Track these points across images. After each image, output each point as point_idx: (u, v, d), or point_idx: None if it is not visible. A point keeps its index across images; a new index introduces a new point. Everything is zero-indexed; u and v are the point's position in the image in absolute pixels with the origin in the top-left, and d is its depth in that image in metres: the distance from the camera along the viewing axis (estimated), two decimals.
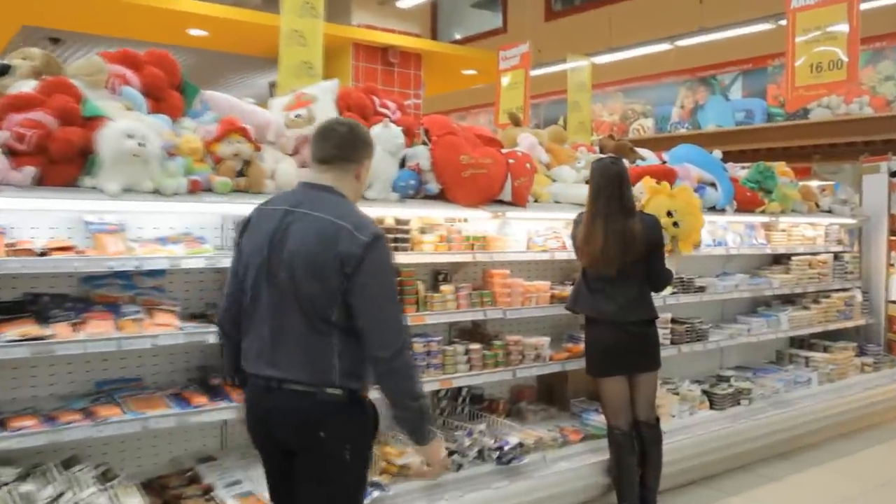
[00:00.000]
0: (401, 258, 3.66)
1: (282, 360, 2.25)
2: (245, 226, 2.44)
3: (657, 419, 4.03)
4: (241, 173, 3.27)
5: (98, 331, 2.90)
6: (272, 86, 9.27)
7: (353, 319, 2.23)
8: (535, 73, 9.82)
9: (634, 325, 3.85)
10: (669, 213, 4.17)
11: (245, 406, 2.41)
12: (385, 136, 3.64)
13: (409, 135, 3.94)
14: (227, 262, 3.15)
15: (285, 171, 3.36)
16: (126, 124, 2.93)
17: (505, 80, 9.52)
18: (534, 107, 12.22)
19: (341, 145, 2.37)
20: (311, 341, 2.24)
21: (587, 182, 4.41)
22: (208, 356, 3.56)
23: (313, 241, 2.24)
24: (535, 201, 4.37)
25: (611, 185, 3.75)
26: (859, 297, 6.45)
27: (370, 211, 3.48)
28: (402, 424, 2.31)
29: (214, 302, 3.55)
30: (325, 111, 3.73)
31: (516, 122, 5.14)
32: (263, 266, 2.30)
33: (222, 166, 3.23)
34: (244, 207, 3.23)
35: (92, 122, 2.92)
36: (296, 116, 3.70)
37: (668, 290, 4.87)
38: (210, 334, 3.12)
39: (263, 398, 2.30)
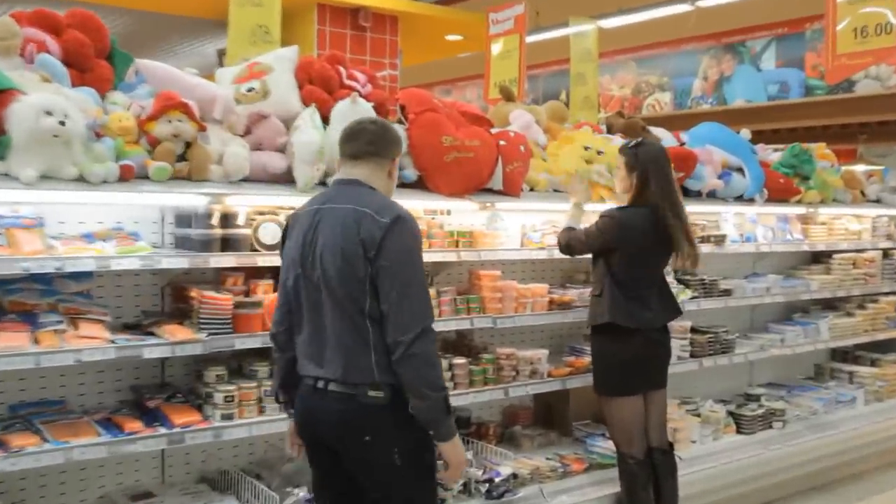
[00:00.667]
0: None
1: (324, 358, 2.64)
2: (284, 233, 2.85)
3: (671, 445, 4.08)
4: (181, 157, 3.27)
5: (11, 345, 2.88)
6: (221, 54, 9.24)
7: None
8: (531, 38, 9.82)
9: (658, 331, 3.96)
10: (587, 148, 4.38)
11: (296, 407, 2.81)
12: (353, 113, 3.61)
13: (382, 112, 3.97)
14: (167, 262, 3.19)
15: (235, 155, 3.37)
16: (43, 98, 2.94)
17: (496, 48, 9.51)
18: (531, 79, 12.20)
19: (373, 141, 2.77)
20: (348, 336, 2.60)
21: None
22: (143, 374, 3.57)
23: (339, 233, 2.62)
24: (531, 190, 4.41)
25: (664, 172, 3.88)
26: None
27: None
28: (421, 416, 2.57)
29: (150, 309, 3.55)
30: (282, 84, 3.75)
31: (509, 98, 5.16)
32: (300, 268, 2.70)
33: (160, 149, 3.23)
34: (185, 198, 3.26)
35: (2, 96, 2.91)
36: (248, 90, 3.70)
37: (688, 293, 4.95)
38: (146, 348, 3.13)
39: (310, 397, 2.70)
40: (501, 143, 4.16)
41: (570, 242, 4.03)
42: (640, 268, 3.88)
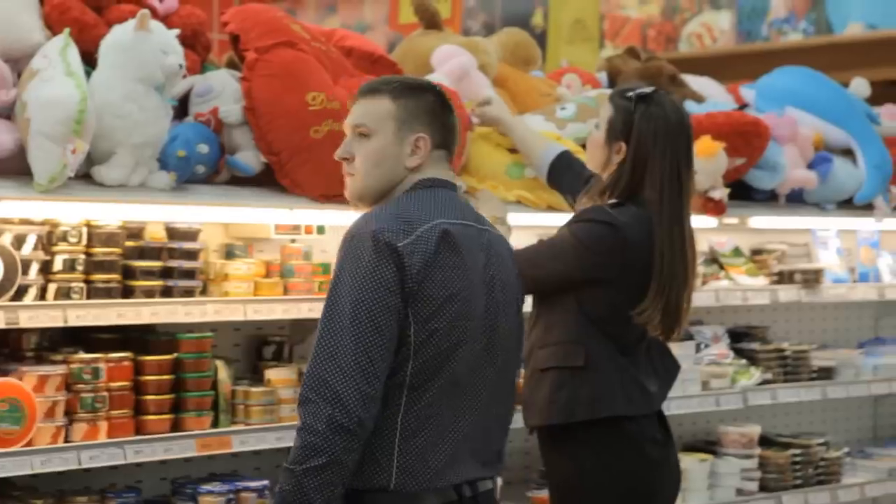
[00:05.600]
0: (179, 313, 3.76)
1: (487, 450, 3.10)
2: (431, 253, 3.03)
3: None
4: None
5: None
6: None
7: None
8: None
9: (656, 425, 3.93)
10: None
11: None
12: (139, 47, 3.63)
13: (199, 46, 4.12)
14: None
15: None
16: None
17: None
18: None
19: None
20: (508, 410, 3.24)
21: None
22: None
23: (510, 272, 3.26)
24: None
25: (674, 154, 3.82)
26: None
27: (106, 209, 3.73)
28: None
29: None
30: None
31: (431, 23, 5.12)
32: (484, 321, 3.06)
33: None
34: None
35: None
36: None
37: (754, 374, 5.00)
38: None
39: None
40: None
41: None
42: (630, 314, 3.79)
